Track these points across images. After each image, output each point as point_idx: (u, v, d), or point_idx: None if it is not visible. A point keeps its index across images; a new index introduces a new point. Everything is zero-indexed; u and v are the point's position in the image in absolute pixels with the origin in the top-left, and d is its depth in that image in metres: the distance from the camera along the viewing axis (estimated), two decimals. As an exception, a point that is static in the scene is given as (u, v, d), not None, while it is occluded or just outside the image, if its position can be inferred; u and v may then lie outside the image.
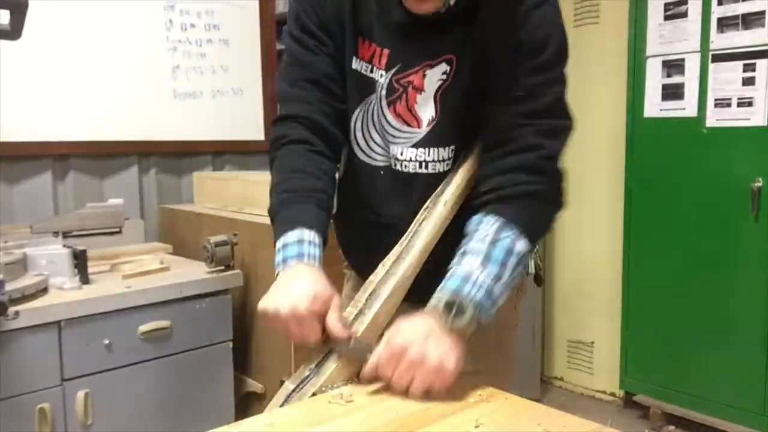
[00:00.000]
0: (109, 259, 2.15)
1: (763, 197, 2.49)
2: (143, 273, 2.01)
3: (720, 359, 2.65)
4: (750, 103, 2.50)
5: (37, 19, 2.21)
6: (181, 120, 2.66)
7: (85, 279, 1.88)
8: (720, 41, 2.57)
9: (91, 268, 1.94)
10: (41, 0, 2.22)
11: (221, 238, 2.07)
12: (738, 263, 2.59)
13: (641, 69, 2.81)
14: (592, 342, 3.28)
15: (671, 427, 2.81)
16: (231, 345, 2.10)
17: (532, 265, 1.24)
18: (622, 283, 2.96)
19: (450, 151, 1.13)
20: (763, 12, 2.45)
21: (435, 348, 0.93)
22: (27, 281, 1.74)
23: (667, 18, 2.71)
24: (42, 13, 2.25)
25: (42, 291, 1.77)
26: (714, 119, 2.61)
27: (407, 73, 1.11)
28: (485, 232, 1.01)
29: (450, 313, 0.95)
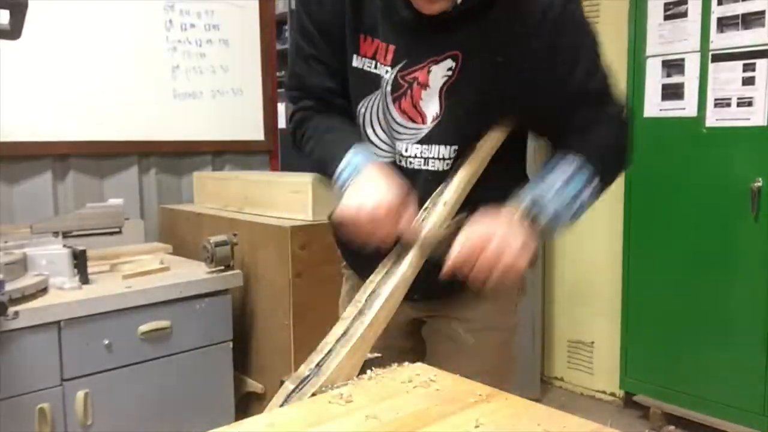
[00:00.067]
0: (109, 259, 2.15)
1: (763, 197, 2.48)
2: (143, 273, 2.01)
3: (720, 359, 2.65)
4: (750, 103, 2.50)
5: (37, 19, 2.22)
6: (181, 120, 2.66)
7: (85, 279, 1.88)
8: (720, 41, 2.57)
9: (91, 268, 1.94)
10: (41, 0, 2.22)
11: (221, 238, 2.07)
12: (738, 263, 2.59)
13: (641, 69, 2.81)
14: (592, 342, 3.28)
15: (671, 427, 2.81)
16: (231, 345, 2.10)
17: None
18: (622, 284, 2.96)
19: (452, 151, 1.13)
20: (763, 12, 2.45)
21: (512, 245, 1.00)
22: (27, 281, 1.74)
23: (667, 18, 2.71)
24: (42, 13, 2.25)
25: (42, 291, 1.77)
26: (714, 119, 2.61)
27: (412, 69, 1.11)
28: (570, 160, 1.09)
29: (528, 215, 1.03)
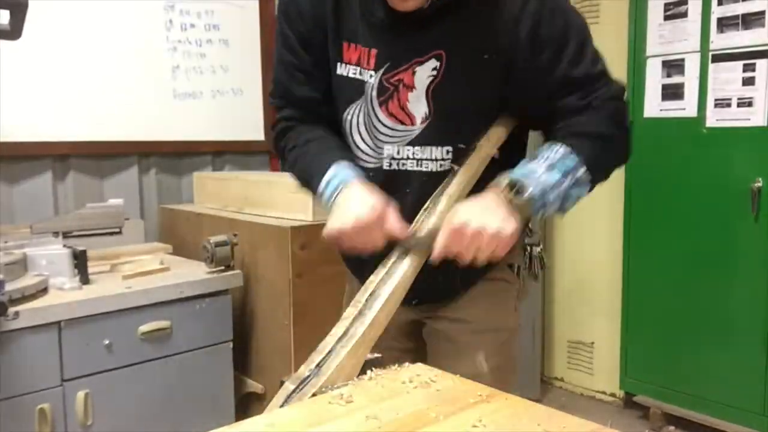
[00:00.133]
0: (109, 260, 2.15)
1: (763, 197, 2.48)
2: (143, 273, 2.01)
3: (720, 359, 2.65)
4: (750, 103, 2.50)
5: (37, 19, 2.22)
6: (181, 120, 2.66)
7: (85, 279, 1.88)
8: (720, 41, 2.57)
9: (91, 268, 1.94)
10: (41, 0, 2.22)
11: (221, 238, 2.07)
12: (738, 263, 2.59)
13: (641, 69, 2.81)
14: (592, 342, 3.28)
15: (671, 427, 2.81)
16: (231, 345, 2.10)
17: (537, 264, 1.27)
18: (622, 284, 2.96)
19: (445, 152, 1.13)
20: (763, 12, 2.45)
21: (492, 217, 1.01)
22: (27, 281, 1.74)
23: (667, 18, 2.71)
24: (42, 13, 2.25)
25: (42, 291, 1.77)
26: (714, 119, 2.61)
27: (397, 72, 1.10)
28: (554, 149, 1.08)
29: (511, 190, 1.04)
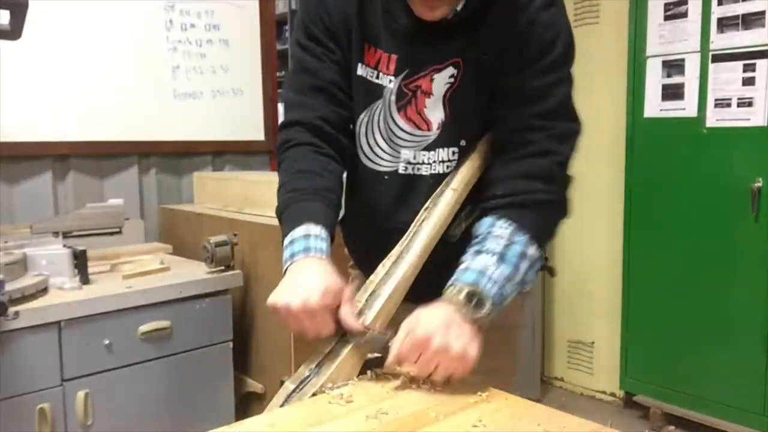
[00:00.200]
0: (109, 259, 2.15)
1: (763, 197, 2.48)
2: (143, 273, 2.01)
3: (720, 359, 2.65)
4: (750, 104, 2.50)
5: (37, 19, 2.21)
6: (181, 120, 2.66)
7: (85, 279, 1.88)
8: (720, 41, 2.57)
9: (91, 268, 1.94)
10: (41, 0, 2.22)
11: (221, 238, 2.07)
12: (738, 263, 2.59)
13: (641, 69, 2.81)
14: (592, 342, 3.28)
15: (671, 427, 2.81)
16: (231, 345, 2.10)
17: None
18: (622, 283, 2.96)
19: (451, 153, 1.14)
20: (763, 12, 2.45)
21: (457, 337, 0.94)
22: (27, 281, 1.74)
23: (667, 18, 2.71)
24: (42, 13, 2.25)
25: (42, 291, 1.77)
26: (714, 119, 2.61)
27: (415, 78, 1.11)
28: (499, 234, 1.02)
29: (470, 304, 0.96)
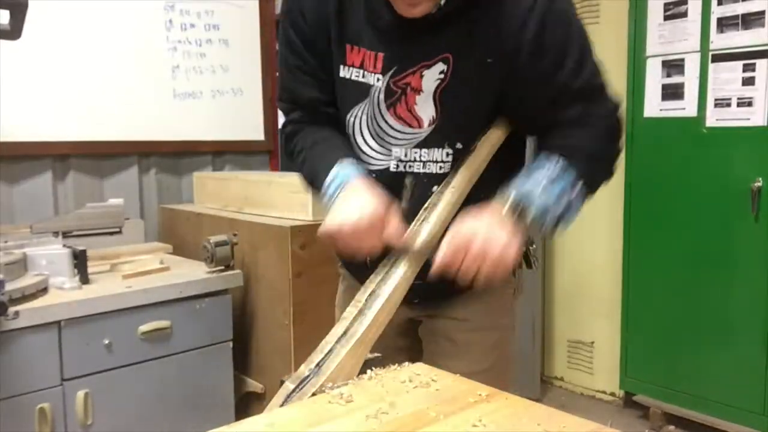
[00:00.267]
0: (109, 259, 2.15)
1: (763, 197, 2.48)
2: (143, 273, 2.02)
3: (720, 359, 2.65)
4: (750, 103, 2.50)
5: (37, 19, 2.22)
6: (181, 120, 2.66)
7: (85, 279, 1.88)
8: (720, 41, 2.57)
9: (91, 268, 1.94)
10: (41, 0, 2.22)
11: (221, 238, 2.07)
12: (738, 263, 2.59)
13: (641, 69, 2.81)
14: (592, 342, 3.28)
15: (671, 427, 2.81)
16: (231, 345, 2.10)
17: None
18: (622, 283, 2.96)
19: (446, 154, 1.14)
20: (763, 12, 2.45)
21: (497, 240, 1.00)
22: (27, 281, 1.74)
23: (667, 18, 2.71)
24: (42, 13, 2.25)
25: (42, 291, 1.77)
26: (714, 119, 2.61)
27: (404, 75, 1.10)
28: (550, 167, 1.08)
29: (515, 212, 1.03)
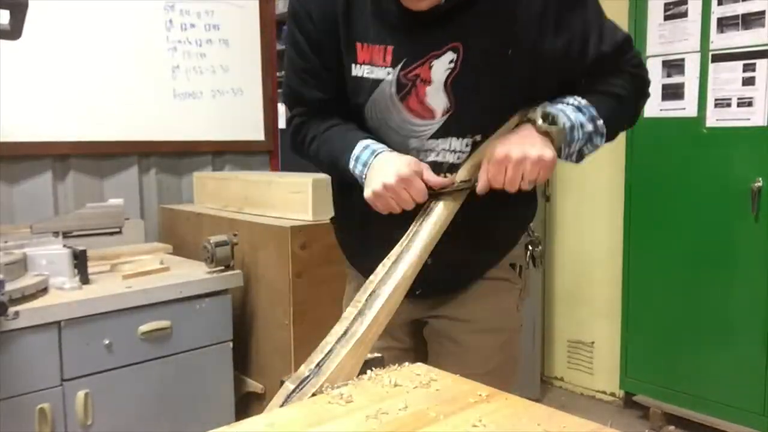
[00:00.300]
0: (109, 259, 2.15)
1: (763, 197, 2.48)
2: (143, 273, 2.01)
3: (720, 359, 2.65)
4: (750, 103, 2.50)
5: (37, 19, 2.22)
6: (181, 120, 2.66)
7: (85, 279, 1.88)
8: (720, 41, 2.57)
9: (91, 268, 1.94)
10: (41, 0, 2.22)
11: (221, 238, 2.07)
12: (738, 263, 2.59)
13: (641, 69, 2.81)
14: (592, 342, 3.28)
15: (671, 427, 2.81)
16: (231, 345, 2.10)
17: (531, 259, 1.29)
18: (622, 283, 2.96)
19: (464, 144, 1.14)
20: (763, 12, 2.45)
21: (532, 145, 1.06)
22: (27, 281, 1.74)
23: (667, 18, 2.71)
24: (42, 13, 2.25)
25: (42, 291, 1.77)
26: (714, 119, 2.61)
27: (414, 67, 1.10)
28: (573, 100, 1.14)
29: (546, 120, 1.08)
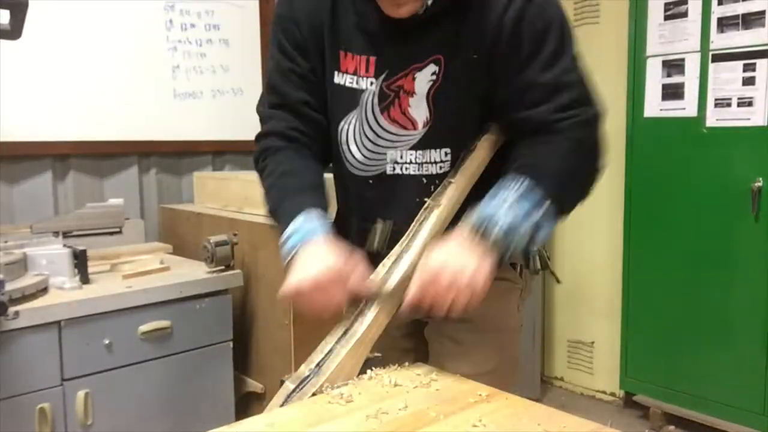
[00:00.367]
0: (109, 259, 2.15)
1: (763, 197, 2.48)
2: (143, 273, 2.01)
3: (720, 359, 2.65)
4: (750, 103, 2.50)
5: (37, 19, 2.21)
6: (181, 120, 2.66)
7: (85, 279, 1.88)
8: (720, 41, 2.57)
9: (91, 268, 1.94)
10: (41, 0, 2.22)
11: (221, 238, 2.07)
12: (738, 263, 2.59)
13: (641, 69, 2.81)
14: (592, 342, 3.28)
15: (671, 427, 2.81)
16: (231, 345, 2.10)
17: (537, 261, 1.27)
18: (622, 283, 2.96)
19: (443, 154, 1.13)
20: (763, 12, 2.45)
21: (465, 268, 0.99)
22: (27, 281, 1.73)
23: (667, 18, 2.71)
24: (42, 13, 2.25)
25: (42, 291, 1.77)
26: (714, 119, 2.61)
27: (396, 78, 1.10)
28: (515, 187, 1.04)
29: (478, 231, 1.01)
